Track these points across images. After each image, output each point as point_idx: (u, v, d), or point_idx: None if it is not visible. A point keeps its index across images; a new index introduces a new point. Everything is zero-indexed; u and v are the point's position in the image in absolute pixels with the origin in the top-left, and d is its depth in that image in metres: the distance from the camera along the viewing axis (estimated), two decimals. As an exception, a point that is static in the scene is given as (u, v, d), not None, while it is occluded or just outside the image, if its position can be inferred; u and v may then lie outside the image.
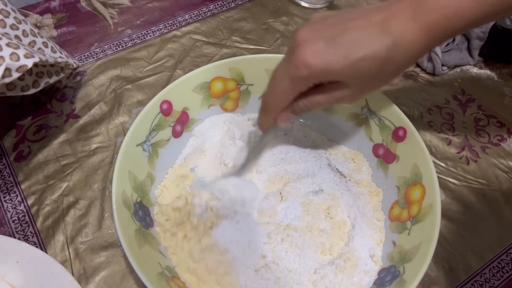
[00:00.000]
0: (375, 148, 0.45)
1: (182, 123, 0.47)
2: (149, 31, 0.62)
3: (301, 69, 0.32)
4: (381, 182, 0.45)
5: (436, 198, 0.37)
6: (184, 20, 0.64)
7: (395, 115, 0.43)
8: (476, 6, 0.30)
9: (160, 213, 0.42)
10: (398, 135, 0.43)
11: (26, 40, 0.46)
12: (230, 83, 0.48)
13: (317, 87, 0.34)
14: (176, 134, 0.46)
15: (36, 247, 0.41)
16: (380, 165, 0.45)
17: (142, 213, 0.40)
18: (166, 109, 0.44)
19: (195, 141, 0.48)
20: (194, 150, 0.47)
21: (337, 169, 0.46)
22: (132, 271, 0.41)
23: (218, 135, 0.48)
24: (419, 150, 0.40)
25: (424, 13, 0.30)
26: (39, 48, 0.47)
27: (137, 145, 0.42)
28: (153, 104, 0.43)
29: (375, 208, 0.43)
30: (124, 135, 0.41)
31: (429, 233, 0.36)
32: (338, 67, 0.31)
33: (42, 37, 0.48)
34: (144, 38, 0.61)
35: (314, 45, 0.31)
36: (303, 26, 0.33)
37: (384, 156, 0.44)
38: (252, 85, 0.48)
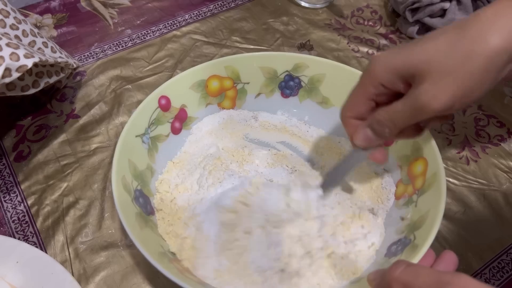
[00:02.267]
0: None
1: (181, 120, 0.47)
2: (149, 31, 0.62)
3: (369, 65, 0.32)
4: (382, 165, 0.45)
5: (439, 166, 0.38)
6: (184, 20, 0.64)
7: None
8: None
9: (160, 200, 0.42)
10: None
11: (26, 40, 0.46)
12: (226, 81, 0.48)
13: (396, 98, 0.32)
14: (175, 131, 0.47)
15: (36, 247, 0.41)
16: None
17: (142, 201, 0.40)
18: (164, 104, 0.45)
19: (193, 139, 0.48)
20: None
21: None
22: (132, 270, 0.41)
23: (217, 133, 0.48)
24: None
25: None
26: (39, 48, 0.47)
27: (136, 136, 0.42)
28: (152, 98, 0.44)
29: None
30: (124, 135, 0.41)
31: (436, 199, 0.36)
32: (407, 55, 0.30)
33: (42, 37, 0.48)
34: (144, 38, 0.61)
35: (388, 50, 0.32)
36: None
37: None
38: (248, 83, 0.49)
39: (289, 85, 0.49)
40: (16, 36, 0.45)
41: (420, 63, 0.29)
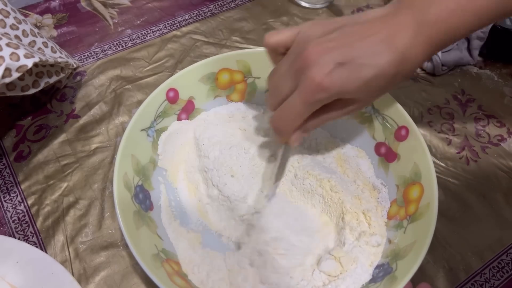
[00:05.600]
0: (377, 146, 0.45)
1: (187, 111, 0.47)
2: (149, 31, 0.62)
3: (318, 92, 0.32)
4: (381, 180, 0.45)
5: (433, 197, 0.37)
6: (184, 20, 0.64)
7: (399, 114, 0.43)
8: (473, 19, 0.32)
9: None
10: (401, 134, 0.43)
11: (26, 40, 0.46)
12: (237, 75, 0.48)
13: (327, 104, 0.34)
14: None
15: (36, 247, 0.41)
16: (381, 164, 0.45)
17: (142, 196, 0.40)
18: (172, 97, 0.45)
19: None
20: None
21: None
22: (132, 270, 0.41)
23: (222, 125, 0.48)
24: (420, 149, 0.40)
25: (426, 27, 0.31)
26: (39, 48, 0.47)
27: (141, 130, 0.43)
28: (160, 91, 0.44)
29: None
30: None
31: (424, 231, 0.36)
32: (353, 88, 0.32)
33: (42, 37, 0.48)
34: (144, 38, 0.61)
35: (326, 68, 0.31)
36: (309, 43, 0.32)
37: (386, 155, 0.44)
38: (259, 78, 0.49)
39: None
40: (16, 36, 0.45)
41: (362, 95, 0.34)
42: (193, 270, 0.38)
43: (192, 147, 0.47)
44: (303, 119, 0.35)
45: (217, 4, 0.66)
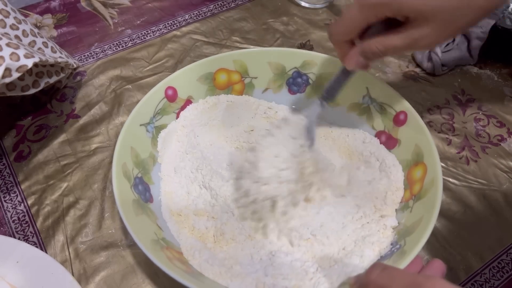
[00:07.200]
0: (378, 135, 0.46)
1: None
2: (149, 31, 0.62)
3: None
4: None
5: (437, 172, 0.38)
6: (184, 20, 0.64)
7: (396, 100, 0.44)
8: None
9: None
10: (399, 119, 0.43)
11: (26, 40, 0.46)
12: (234, 75, 0.48)
13: (391, 28, 0.33)
14: None
15: (36, 247, 0.41)
16: None
17: (142, 188, 0.41)
18: (171, 95, 0.45)
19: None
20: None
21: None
22: (132, 270, 0.41)
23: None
24: (419, 130, 0.41)
25: None
26: (39, 48, 0.47)
27: (140, 125, 0.43)
28: (158, 89, 0.44)
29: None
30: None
31: (430, 206, 0.36)
32: (408, 3, 0.30)
33: (42, 37, 0.48)
34: (144, 38, 0.61)
35: None
36: None
37: (386, 142, 0.45)
38: (255, 78, 0.49)
39: (297, 82, 0.49)
40: (16, 36, 0.45)
41: (426, 11, 0.31)
42: (194, 255, 0.38)
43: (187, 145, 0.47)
44: (356, 24, 0.33)
45: (217, 4, 0.66)
